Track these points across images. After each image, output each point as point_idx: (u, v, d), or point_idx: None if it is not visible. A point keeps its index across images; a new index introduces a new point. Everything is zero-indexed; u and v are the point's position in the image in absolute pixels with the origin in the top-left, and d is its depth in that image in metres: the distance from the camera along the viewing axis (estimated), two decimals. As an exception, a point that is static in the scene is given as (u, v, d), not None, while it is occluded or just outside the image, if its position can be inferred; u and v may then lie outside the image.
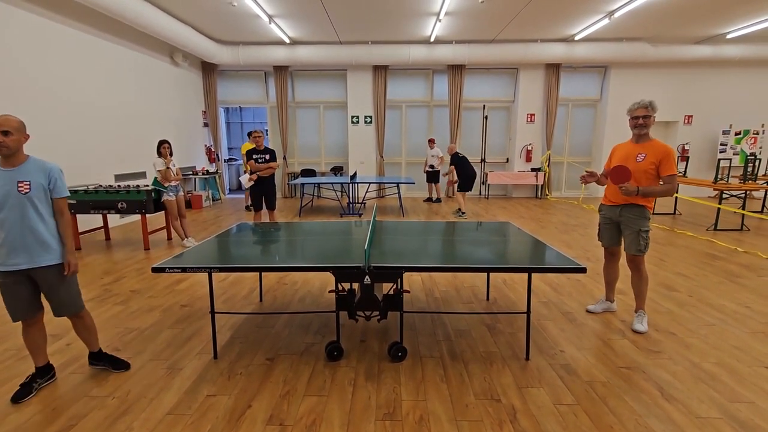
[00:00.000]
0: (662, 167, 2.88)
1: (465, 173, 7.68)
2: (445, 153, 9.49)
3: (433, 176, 9.72)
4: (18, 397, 2.24)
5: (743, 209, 6.47)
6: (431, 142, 9.66)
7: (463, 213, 7.82)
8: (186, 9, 7.27)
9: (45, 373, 2.41)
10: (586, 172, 3.19)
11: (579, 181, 3.17)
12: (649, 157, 2.92)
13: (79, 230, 5.55)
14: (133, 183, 6.93)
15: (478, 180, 10.96)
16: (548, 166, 10.52)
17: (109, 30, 6.92)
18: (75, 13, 6.18)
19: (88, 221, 6.19)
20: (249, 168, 5.81)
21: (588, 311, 3.41)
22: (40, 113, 5.61)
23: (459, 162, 7.67)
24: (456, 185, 7.91)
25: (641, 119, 2.95)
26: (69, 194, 2.36)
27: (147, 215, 5.55)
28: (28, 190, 2.16)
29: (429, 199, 9.91)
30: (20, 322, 2.30)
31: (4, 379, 2.46)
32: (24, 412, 2.14)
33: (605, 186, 3.18)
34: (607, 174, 3.08)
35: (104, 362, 2.58)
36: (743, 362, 2.60)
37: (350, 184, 8.27)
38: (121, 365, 2.57)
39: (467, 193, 7.95)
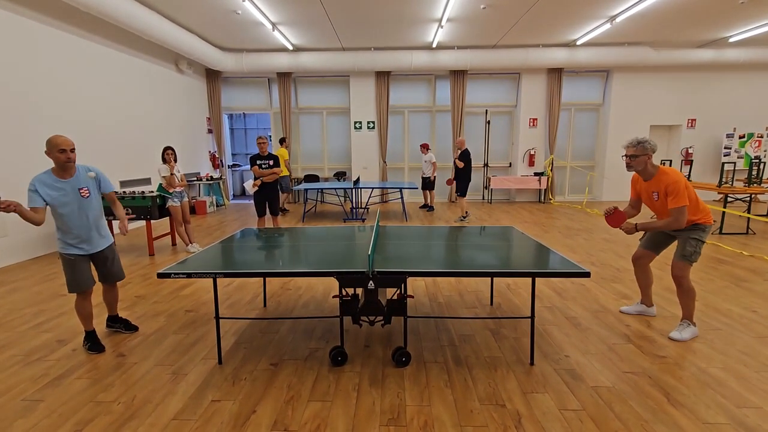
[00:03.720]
0: (668, 200, 2.82)
1: (468, 175, 7.64)
2: (446, 152, 9.23)
3: (427, 183, 9.34)
4: (95, 350, 2.87)
5: (748, 213, 6.43)
6: (424, 147, 9.13)
7: (466, 216, 7.82)
8: (191, 17, 7.36)
9: (94, 333, 2.96)
10: (611, 210, 3.08)
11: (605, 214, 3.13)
12: (660, 194, 2.88)
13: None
14: (138, 189, 6.99)
15: (481, 184, 11.02)
16: (551, 170, 10.52)
17: (115, 38, 7.02)
18: (80, 22, 6.27)
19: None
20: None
21: (621, 312, 3.46)
22: (46, 121, 5.67)
23: (469, 161, 7.58)
24: (454, 188, 7.78)
25: (627, 158, 2.91)
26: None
27: (152, 221, 5.59)
28: (88, 195, 2.79)
29: (424, 206, 9.63)
30: (75, 295, 2.86)
31: (11, 385, 2.47)
32: (30, 418, 2.15)
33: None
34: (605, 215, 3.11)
35: (119, 324, 3.20)
36: (750, 367, 2.58)
37: (353, 190, 8.30)
38: (132, 327, 3.21)
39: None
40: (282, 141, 9.30)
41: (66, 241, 2.76)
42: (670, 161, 8.63)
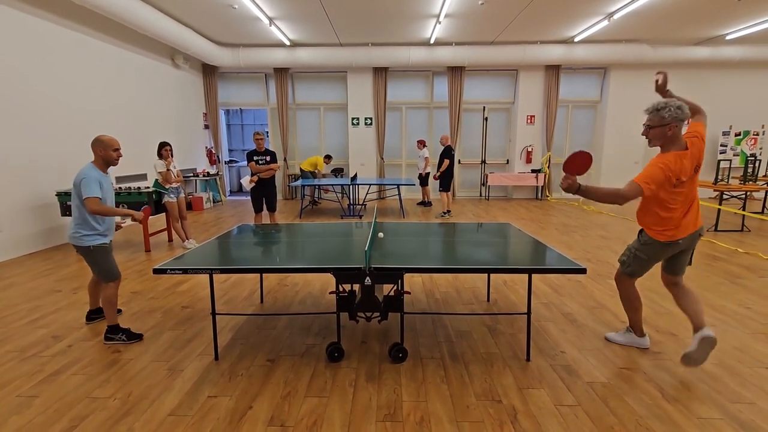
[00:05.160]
0: None
1: (450, 171, 7.75)
2: (431, 146, 9.25)
3: (424, 179, 9.27)
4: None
5: (743, 210, 6.47)
6: (420, 143, 9.09)
7: (448, 212, 7.89)
8: (187, 11, 7.30)
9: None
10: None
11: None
12: None
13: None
14: (134, 185, 6.94)
15: (478, 181, 11.03)
16: (548, 167, 10.53)
17: (110, 32, 6.95)
18: (75, 16, 6.20)
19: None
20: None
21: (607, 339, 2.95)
22: (41, 116, 5.62)
23: (452, 157, 7.69)
24: (438, 182, 7.90)
25: (644, 128, 2.39)
26: None
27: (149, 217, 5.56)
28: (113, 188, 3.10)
29: (422, 203, 9.65)
30: (111, 283, 2.98)
31: (6, 381, 2.46)
32: (25, 414, 2.15)
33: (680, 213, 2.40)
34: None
35: (103, 315, 3.26)
36: (744, 363, 2.60)
37: (351, 186, 8.28)
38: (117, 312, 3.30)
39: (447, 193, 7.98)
40: (327, 157, 9.74)
41: (98, 233, 2.91)
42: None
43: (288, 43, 9.27)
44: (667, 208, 2.38)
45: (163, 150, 5.37)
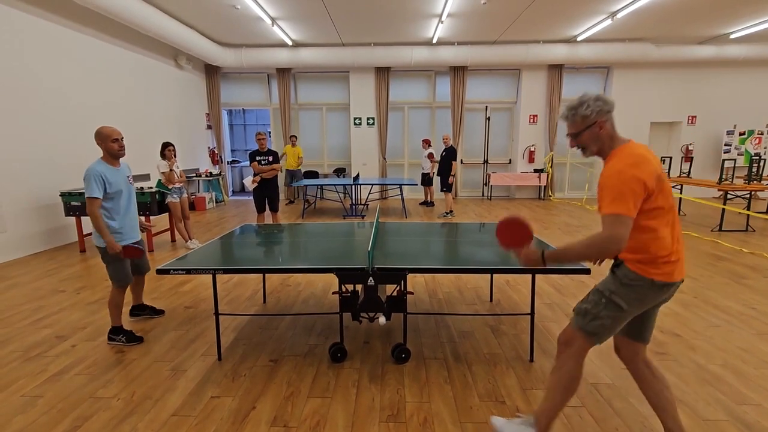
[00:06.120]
0: (599, 202, 1.59)
1: (449, 171, 7.74)
2: (432, 147, 9.23)
3: (427, 179, 9.30)
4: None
5: (748, 210, 6.43)
6: (425, 142, 9.08)
7: (451, 212, 7.90)
8: (190, 12, 7.31)
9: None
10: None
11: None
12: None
13: (84, 232, 5.58)
14: (137, 185, 6.96)
15: (481, 181, 11.01)
16: (551, 167, 10.50)
17: (113, 33, 6.97)
18: (79, 17, 6.22)
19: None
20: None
21: None
22: (45, 115, 5.64)
23: (455, 158, 7.69)
24: (440, 182, 7.89)
25: (570, 139, 1.72)
26: None
27: (151, 217, 5.58)
28: (131, 182, 2.97)
29: (424, 203, 9.66)
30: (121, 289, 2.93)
31: (10, 381, 2.47)
32: (30, 414, 2.15)
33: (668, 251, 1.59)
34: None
35: (147, 311, 3.35)
36: (749, 364, 2.58)
37: (353, 186, 8.28)
38: (159, 311, 3.39)
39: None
40: (292, 137, 9.69)
41: (114, 230, 2.82)
42: (671, 158, 8.60)
43: (290, 43, 9.27)
44: (664, 227, 1.58)
45: (166, 150, 5.38)
